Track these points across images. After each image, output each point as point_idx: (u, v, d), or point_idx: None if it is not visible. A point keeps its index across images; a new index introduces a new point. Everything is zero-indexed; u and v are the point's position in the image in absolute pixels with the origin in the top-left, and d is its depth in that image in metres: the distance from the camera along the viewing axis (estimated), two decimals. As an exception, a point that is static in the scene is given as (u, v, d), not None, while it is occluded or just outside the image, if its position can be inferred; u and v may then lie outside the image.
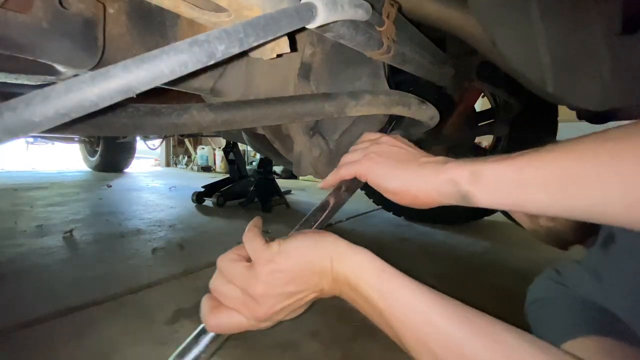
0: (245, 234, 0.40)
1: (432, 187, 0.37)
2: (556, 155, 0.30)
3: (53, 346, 0.81)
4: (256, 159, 4.58)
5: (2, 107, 0.19)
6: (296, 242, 0.37)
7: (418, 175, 0.38)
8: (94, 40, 0.42)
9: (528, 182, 0.31)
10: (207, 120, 0.52)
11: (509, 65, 0.75)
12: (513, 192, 0.32)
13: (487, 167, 0.33)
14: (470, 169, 0.34)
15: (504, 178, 0.32)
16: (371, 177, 0.43)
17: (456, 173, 0.35)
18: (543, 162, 0.31)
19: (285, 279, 0.35)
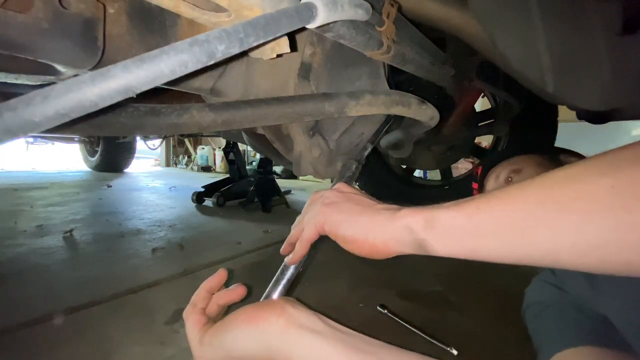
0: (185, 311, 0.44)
1: (389, 235, 0.35)
2: (505, 201, 0.29)
3: (53, 346, 0.81)
4: (256, 159, 4.58)
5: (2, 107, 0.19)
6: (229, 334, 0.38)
7: (374, 223, 0.37)
8: (94, 40, 0.42)
9: (478, 230, 0.30)
10: (207, 120, 0.53)
11: (509, 65, 0.76)
12: (466, 240, 0.30)
13: (440, 214, 0.32)
14: (424, 216, 0.33)
15: (456, 225, 0.31)
16: (328, 226, 0.40)
17: (410, 220, 0.34)
18: (492, 209, 0.30)
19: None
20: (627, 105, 0.79)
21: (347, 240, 0.38)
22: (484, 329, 0.94)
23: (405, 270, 1.36)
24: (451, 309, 1.07)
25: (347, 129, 0.76)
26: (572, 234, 0.25)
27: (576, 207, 0.25)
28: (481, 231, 0.30)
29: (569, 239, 0.26)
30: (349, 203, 0.41)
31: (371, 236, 0.36)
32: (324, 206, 0.41)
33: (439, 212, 0.32)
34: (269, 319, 0.36)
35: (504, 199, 0.30)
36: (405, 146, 1.13)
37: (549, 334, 0.57)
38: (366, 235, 0.36)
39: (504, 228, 0.29)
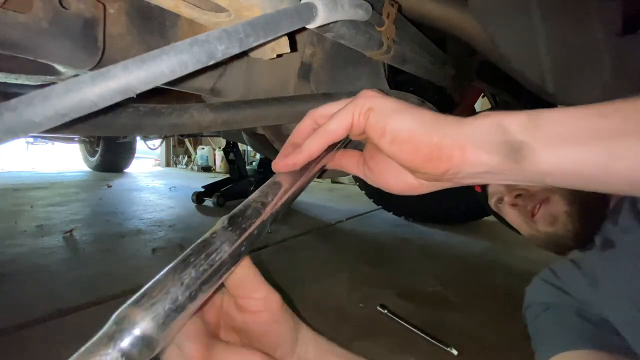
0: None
1: (468, 135, 0.24)
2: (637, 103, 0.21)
3: (53, 346, 0.81)
4: (256, 159, 4.58)
5: (2, 107, 0.19)
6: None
7: (446, 120, 0.25)
8: (94, 41, 0.42)
9: (624, 133, 0.21)
10: (207, 120, 0.53)
11: (509, 65, 0.76)
12: (597, 148, 0.21)
13: (552, 113, 0.23)
14: (528, 113, 0.24)
15: (581, 126, 0.22)
16: (376, 112, 0.27)
17: (505, 116, 0.24)
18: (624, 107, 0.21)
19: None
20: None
21: (399, 138, 0.26)
22: (484, 329, 0.94)
23: (405, 270, 1.36)
24: (451, 309, 1.07)
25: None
26: None
27: None
28: (627, 135, 0.21)
29: None
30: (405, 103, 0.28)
31: (438, 135, 0.25)
32: (368, 93, 0.29)
33: (547, 113, 0.23)
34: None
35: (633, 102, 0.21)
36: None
37: (549, 335, 0.57)
38: (430, 133, 0.25)
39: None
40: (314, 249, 1.68)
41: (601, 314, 0.53)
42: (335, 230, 2.01)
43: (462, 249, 1.70)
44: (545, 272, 0.68)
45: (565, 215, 0.61)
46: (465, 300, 1.12)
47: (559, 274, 0.64)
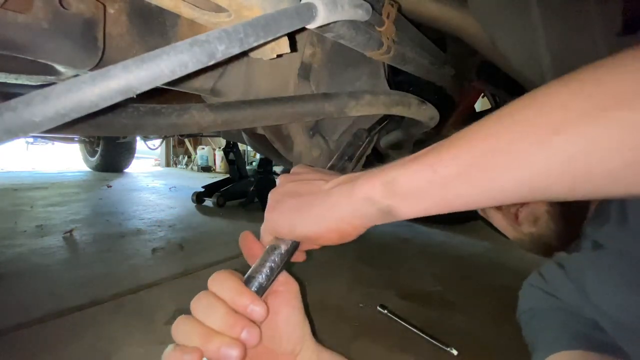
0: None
1: (350, 214, 0.31)
2: (467, 141, 0.27)
3: (53, 346, 0.81)
4: (256, 159, 4.58)
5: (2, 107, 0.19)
6: None
7: (330, 207, 0.32)
8: (94, 41, 0.42)
9: (446, 179, 0.27)
10: (207, 120, 0.53)
11: (509, 65, 0.76)
12: (434, 193, 0.28)
13: (400, 174, 0.29)
14: (381, 181, 0.30)
15: (420, 182, 0.28)
16: (282, 231, 0.34)
17: (367, 189, 0.30)
18: (455, 151, 0.27)
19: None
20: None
21: (312, 238, 0.33)
22: (484, 329, 0.95)
23: (405, 270, 1.36)
24: (451, 309, 1.07)
25: (347, 129, 0.76)
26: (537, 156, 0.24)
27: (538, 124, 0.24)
28: (450, 180, 0.27)
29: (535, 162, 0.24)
30: (295, 196, 0.35)
31: (333, 223, 0.32)
32: (268, 212, 0.36)
33: (398, 171, 0.29)
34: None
35: (463, 140, 0.27)
36: (405, 146, 1.13)
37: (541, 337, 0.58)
38: (327, 225, 0.32)
39: (473, 169, 0.26)
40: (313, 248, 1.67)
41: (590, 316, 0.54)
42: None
43: (462, 249, 1.70)
44: (534, 275, 0.68)
45: (547, 215, 0.63)
46: (465, 300, 1.12)
47: (546, 278, 0.64)
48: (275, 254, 0.34)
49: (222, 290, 0.31)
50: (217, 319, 0.29)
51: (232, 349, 0.28)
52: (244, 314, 0.30)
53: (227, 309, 0.30)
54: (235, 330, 0.29)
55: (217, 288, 0.32)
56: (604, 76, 0.24)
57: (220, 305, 0.30)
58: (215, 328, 0.29)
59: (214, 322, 0.29)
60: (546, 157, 0.23)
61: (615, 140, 0.22)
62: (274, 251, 0.35)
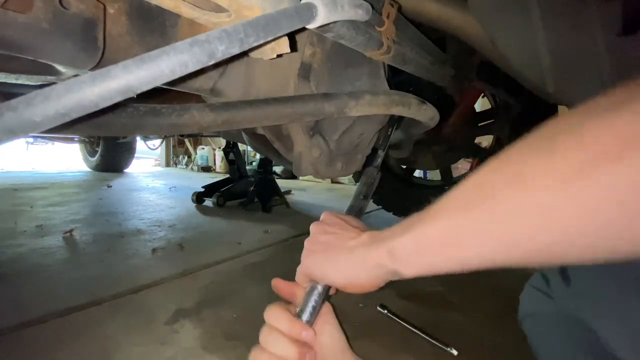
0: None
1: (368, 275, 0.38)
2: (443, 212, 0.31)
3: (53, 346, 0.81)
4: (256, 159, 4.58)
5: (2, 107, 0.19)
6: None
7: (352, 265, 0.39)
8: (94, 41, 0.42)
9: (428, 249, 0.32)
10: (207, 120, 0.53)
11: (509, 66, 0.76)
12: (424, 260, 0.32)
13: (397, 243, 0.34)
14: (387, 249, 0.35)
15: (410, 251, 0.33)
16: (316, 276, 0.43)
17: (377, 256, 0.36)
18: (433, 223, 0.31)
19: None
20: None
21: (339, 286, 0.42)
22: (484, 329, 0.94)
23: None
24: (451, 309, 1.07)
25: (347, 129, 0.76)
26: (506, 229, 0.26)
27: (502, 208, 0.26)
28: (431, 249, 0.31)
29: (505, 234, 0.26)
30: (326, 249, 0.43)
31: (356, 280, 0.39)
32: (305, 258, 0.45)
33: (396, 241, 0.35)
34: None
35: (443, 209, 0.31)
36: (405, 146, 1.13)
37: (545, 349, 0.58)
38: (350, 280, 0.40)
39: (448, 240, 0.30)
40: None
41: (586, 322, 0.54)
42: (335, 230, 2.01)
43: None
44: (536, 277, 0.67)
45: None
46: (465, 300, 1.12)
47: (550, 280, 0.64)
48: (315, 293, 0.44)
49: (279, 323, 0.41)
50: (286, 349, 0.39)
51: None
52: (299, 339, 0.40)
53: (292, 341, 0.39)
54: (301, 356, 0.39)
55: (274, 321, 0.41)
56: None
57: (285, 338, 0.40)
58: (286, 356, 0.39)
59: (284, 351, 0.39)
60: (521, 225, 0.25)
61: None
62: (313, 291, 0.44)
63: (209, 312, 0.98)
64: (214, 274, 1.26)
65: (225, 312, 0.98)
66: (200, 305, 1.02)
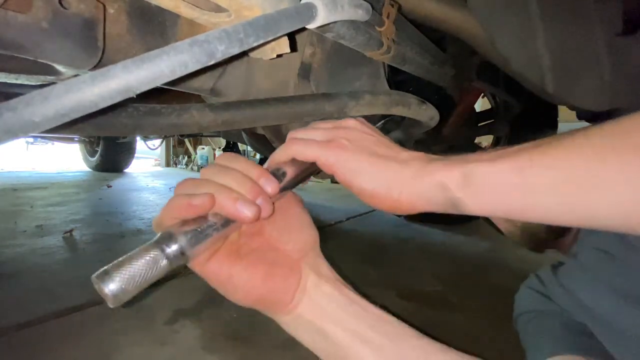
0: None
1: (418, 193, 0.30)
2: (566, 152, 0.25)
3: (53, 346, 0.81)
4: (256, 159, 4.58)
5: (2, 107, 0.19)
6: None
7: (401, 177, 0.31)
8: (94, 40, 0.42)
9: (532, 187, 0.26)
10: (207, 120, 0.52)
11: (508, 66, 0.75)
12: (514, 198, 0.27)
13: (480, 168, 0.28)
14: (460, 171, 0.29)
15: (502, 181, 0.27)
16: (342, 171, 0.32)
17: (444, 175, 0.29)
18: (550, 161, 0.26)
19: None
20: (627, 106, 0.79)
21: (366, 194, 0.32)
22: (484, 329, 0.94)
23: (405, 270, 1.36)
24: (451, 309, 1.07)
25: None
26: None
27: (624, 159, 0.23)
28: (535, 188, 0.26)
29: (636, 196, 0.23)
30: (373, 148, 0.33)
31: (396, 192, 0.31)
32: (341, 144, 0.33)
33: (479, 165, 0.28)
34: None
35: (561, 150, 0.26)
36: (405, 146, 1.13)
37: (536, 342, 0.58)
38: (390, 190, 0.31)
39: (565, 184, 0.25)
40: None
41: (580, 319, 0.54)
42: (335, 230, 2.01)
43: (462, 249, 1.70)
44: (531, 278, 0.68)
45: None
46: (465, 300, 1.12)
47: (544, 281, 0.64)
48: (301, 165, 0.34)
49: (235, 163, 0.30)
50: (233, 179, 0.28)
51: (248, 207, 0.26)
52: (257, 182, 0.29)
53: (244, 175, 0.29)
54: (252, 193, 0.27)
55: (227, 162, 0.30)
56: None
57: (236, 171, 0.29)
58: (232, 187, 0.27)
59: (230, 181, 0.28)
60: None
61: None
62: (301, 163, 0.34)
63: (209, 312, 0.98)
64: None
65: (225, 312, 0.98)
66: (200, 305, 1.02)
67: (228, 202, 0.26)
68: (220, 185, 0.28)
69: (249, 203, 0.27)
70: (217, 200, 0.26)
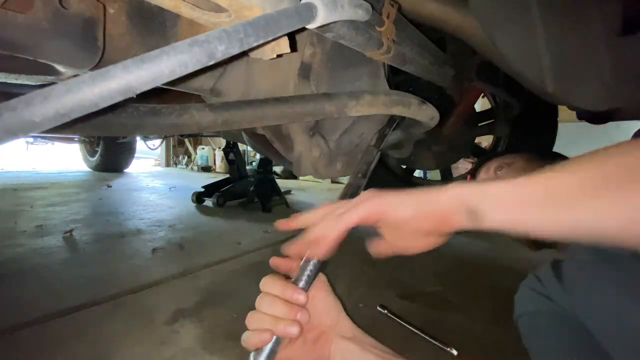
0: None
1: (444, 207, 0.35)
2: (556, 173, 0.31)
3: (53, 346, 0.81)
4: (256, 159, 4.58)
5: (2, 107, 0.19)
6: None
7: (428, 198, 0.37)
8: (94, 41, 0.42)
9: (528, 199, 0.31)
10: (207, 120, 0.53)
11: (509, 66, 0.75)
12: (516, 208, 0.32)
13: (491, 185, 0.34)
14: (475, 185, 0.35)
15: (506, 192, 0.32)
16: (385, 207, 0.38)
17: (459, 188, 0.35)
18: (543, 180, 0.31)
19: None
20: (627, 105, 0.78)
21: (407, 220, 0.37)
22: (484, 329, 0.94)
23: (405, 270, 1.36)
24: (451, 309, 1.07)
25: (347, 129, 0.76)
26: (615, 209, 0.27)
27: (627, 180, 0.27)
28: (531, 200, 0.31)
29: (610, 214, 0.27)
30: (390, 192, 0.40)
31: (430, 210, 0.36)
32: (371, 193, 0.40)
33: (490, 183, 0.34)
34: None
35: (555, 171, 0.31)
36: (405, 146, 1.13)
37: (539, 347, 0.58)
38: (425, 211, 0.37)
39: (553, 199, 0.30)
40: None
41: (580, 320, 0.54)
42: (335, 230, 2.01)
43: (462, 249, 1.70)
44: (530, 278, 0.67)
45: None
46: (465, 300, 1.12)
47: (543, 280, 0.64)
48: (310, 264, 0.44)
49: (273, 288, 0.42)
50: (278, 308, 0.40)
51: (293, 327, 0.39)
52: (291, 301, 0.41)
53: (284, 302, 0.41)
54: (292, 314, 0.40)
55: (268, 287, 0.43)
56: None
57: (278, 299, 0.41)
58: (278, 315, 0.40)
59: (276, 311, 0.40)
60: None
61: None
62: (308, 262, 0.45)
63: (209, 312, 0.98)
64: (214, 274, 1.26)
65: (225, 312, 0.98)
66: (200, 305, 1.02)
67: (280, 329, 0.39)
68: (273, 317, 0.40)
69: (293, 324, 0.39)
70: (274, 330, 0.40)
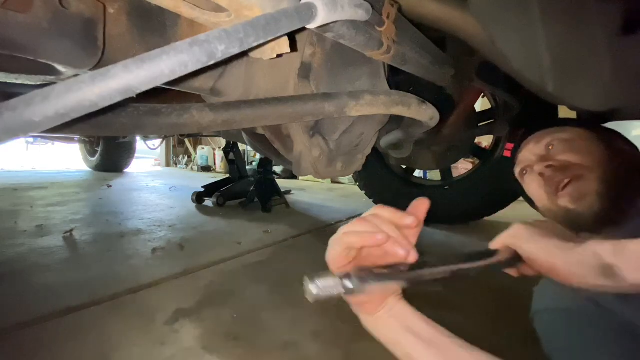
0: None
1: (574, 259, 0.38)
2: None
3: (53, 346, 0.81)
4: (256, 159, 4.58)
5: (2, 107, 0.19)
6: None
7: (561, 247, 0.40)
8: (94, 40, 0.42)
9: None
10: (207, 120, 0.53)
11: (509, 65, 0.75)
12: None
13: (630, 242, 0.35)
14: (612, 243, 0.36)
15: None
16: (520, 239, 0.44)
17: (597, 245, 0.37)
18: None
19: None
20: (627, 105, 0.78)
21: (529, 257, 0.42)
22: (484, 329, 0.94)
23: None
24: (451, 309, 1.07)
25: (347, 129, 0.76)
26: None
27: None
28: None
29: None
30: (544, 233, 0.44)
31: (552, 257, 0.40)
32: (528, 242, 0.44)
33: (628, 241, 0.35)
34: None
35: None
36: (405, 146, 1.13)
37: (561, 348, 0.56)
38: (548, 256, 0.41)
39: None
40: (314, 248, 1.68)
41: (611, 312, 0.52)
42: (335, 230, 2.01)
43: (462, 249, 1.70)
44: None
45: (595, 196, 0.59)
46: (465, 300, 1.12)
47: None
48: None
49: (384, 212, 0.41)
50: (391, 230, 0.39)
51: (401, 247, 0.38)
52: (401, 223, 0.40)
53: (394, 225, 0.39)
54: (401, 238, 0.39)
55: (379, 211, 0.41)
56: None
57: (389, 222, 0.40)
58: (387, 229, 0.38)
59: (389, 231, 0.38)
60: None
61: None
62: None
63: (209, 312, 0.98)
64: (214, 274, 1.27)
65: (225, 312, 0.98)
66: (200, 305, 1.02)
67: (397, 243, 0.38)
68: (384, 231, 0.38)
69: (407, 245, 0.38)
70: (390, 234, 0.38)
